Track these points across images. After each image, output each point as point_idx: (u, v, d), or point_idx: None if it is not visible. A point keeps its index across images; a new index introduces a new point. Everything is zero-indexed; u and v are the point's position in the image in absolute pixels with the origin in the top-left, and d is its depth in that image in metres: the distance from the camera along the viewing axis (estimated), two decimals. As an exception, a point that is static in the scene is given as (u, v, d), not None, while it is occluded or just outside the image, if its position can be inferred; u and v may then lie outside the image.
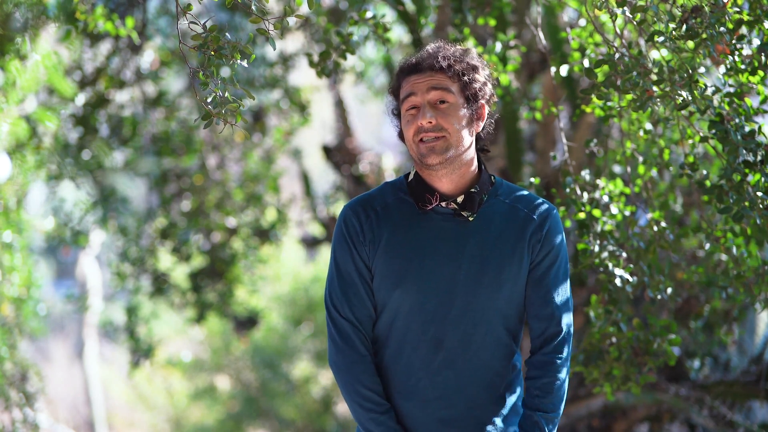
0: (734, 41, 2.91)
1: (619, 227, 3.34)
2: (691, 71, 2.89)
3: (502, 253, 2.65)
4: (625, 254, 3.29)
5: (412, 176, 2.71)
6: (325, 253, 10.15)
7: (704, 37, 2.85)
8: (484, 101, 2.69)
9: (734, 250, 3.26)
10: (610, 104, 3.27)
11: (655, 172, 3.64)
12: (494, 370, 2.66)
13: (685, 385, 5.20)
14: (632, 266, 3.27)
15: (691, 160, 3.15)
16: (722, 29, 2.85)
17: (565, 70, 3.52)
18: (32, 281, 5.79)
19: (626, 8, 2.88)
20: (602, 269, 3.25)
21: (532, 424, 2.65)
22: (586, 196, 3.30)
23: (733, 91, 3.01)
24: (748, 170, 2.89)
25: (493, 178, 2.73)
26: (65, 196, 7.43)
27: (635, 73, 2.89)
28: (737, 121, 2.93)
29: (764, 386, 4.99)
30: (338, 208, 7.57)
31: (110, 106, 6.92)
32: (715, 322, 5.04)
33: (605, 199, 3.33)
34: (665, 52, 3.27)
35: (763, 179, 2.90)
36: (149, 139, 7.17)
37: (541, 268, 2.69)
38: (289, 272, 10.42)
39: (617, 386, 3.36)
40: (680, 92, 2.88)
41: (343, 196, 7.49)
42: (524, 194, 2.73)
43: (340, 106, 7.49)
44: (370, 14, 3.63)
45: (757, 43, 2.98)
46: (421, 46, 2.73)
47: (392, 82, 2.72)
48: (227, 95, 2.59)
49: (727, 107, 2.97)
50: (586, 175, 3.34)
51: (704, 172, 3.32)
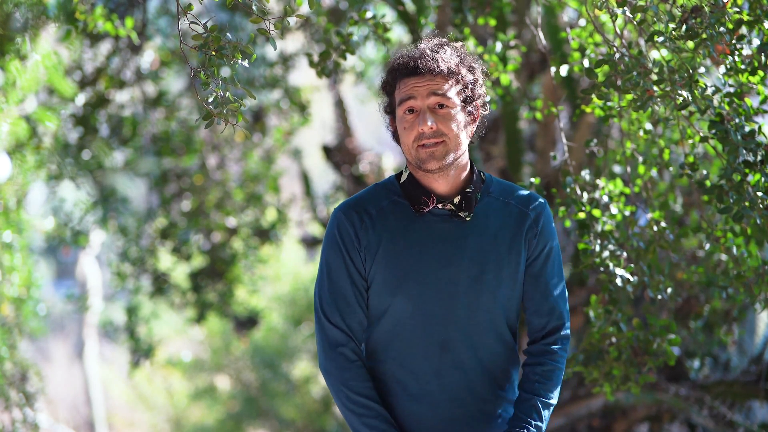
0: (734, 41, 2.91)
1: (619, 227, 3.34)
2: (691, 71, 2.89)
3: (500, 250, 2.65)
4: (625, 254, 3.29)
5: (405, 177, 2.69)
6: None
7: (704, 37, 2.85)
8: (479, 102, 2.69)
9: (734, 250, 3.26)
10: (610, 104, 3.27)
11: (655, 172, 3.64)
12: (499, 365, 2.67)
13: (685, 385, 5.20)
14: (632, 266, 3.27)
15: (691, 160, 3.15)
16: (722, 29, 2.85)
17: (565, 70, 3.52)
18: (32, 281, 5.79)
19: (626, 8, 2.88)
20: (603, 269, 3.25)
21: (530, 407, 2.65)
22: (586, 196, 3.31)
23: (733, 91, 3.01)
24: (748, 170, 2.89)
25: (482, 174, 2.73)
26: (65, 196, 7.43)
27: (635, 73, 2.90)
28: (737, 121, 2.93)
29: (764, 386, 4.99)
30: (338, 208, 7.55)
31: (110, 106, 6.92)
32: (715, 322, 5.04)
33: (605, 199, 3.33)
34: (665, 52, 3.27)
35: (763, 179, 2.90)
36: (149, 139, 7.17)
37: (538, 262, 2.70)
38: (289, 272, 10.42)
39: (617, 386, 3.36)
40: (680, 92, 2.88)
41: (343, 196, 7.49)
42: (515, 190, 2.73)
43: (340, 106, 7.49)
44: (370, 14, 3.63)
45: (757, 43, 2.98)
46: (418, 45, 2.71)
47: (385, 78, 2.69)
48: (228, 95, 2.59)
49: (727, 107, 2.97)
50: (586, 175, 3.34)
51: (704, 172, 3.32)
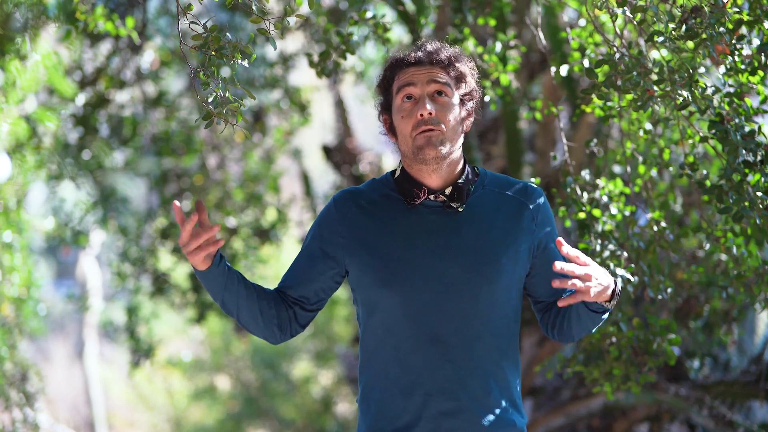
0: (734, 41, 2.91)
1: (619, 227, 3.34)
2: (691, 71, 2.90)
3: (496, 242, 2.64)
4: (625, 254, 3.29)
5: (398, 173, 2.70)
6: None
7: (704, 37, 2.85)
8: (475, 101, 2.70)
9: (734, 250, 3.26)
10: (610, 104, 3.27)
11: (655, 172, 3.64)
12: (494, 361, 2.64)
13: (684, 385, 5.21)
14: (633, 266, 3.27)
15: (691, 160, 3.15)
16: (722, 29, 2.85)
17: (565, 70, 3.52)
18: (32, 281, 5.79)
19: (626, 8, 2.89)
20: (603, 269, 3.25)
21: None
22: (586, 196, 3.31)
23: (733, 91, 3.01)
24: (748, 170, 2.89)
25: (476, 168, 2.73)
26: (65, 196, 7.43)
27: (635, 73, 2.90)
28: (737, 121, 2.93)
29: (764, 386, 4.99)
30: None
31: (110, 106, 6.92)
32: (715, 322, 5.04)
33: (605, 199, 3.33)
34: (665, 52, 3.27)
35: (763, 179, 2.90)
36: (149, 139, 7.17)
37: (547, 251, 2.69)
38: (289, 272, 10.40)
39: (617, 386, 3.36)
40: (680, 92, 2.88)
41: (343, 196, 7.48)
42: (510, 181, 2.72)
43: (340, 106, 7.49)
44: (370, 14, 3.63)
45: (757, 43, 2.98)
46: (417, 44, 2.73)
47: (383, 74, 2.70)
48: (228, 95, 2.59)
49: (727, 107, 2.97)
50: (586, 175, 3.35)
51: (704, 172, 3.32)
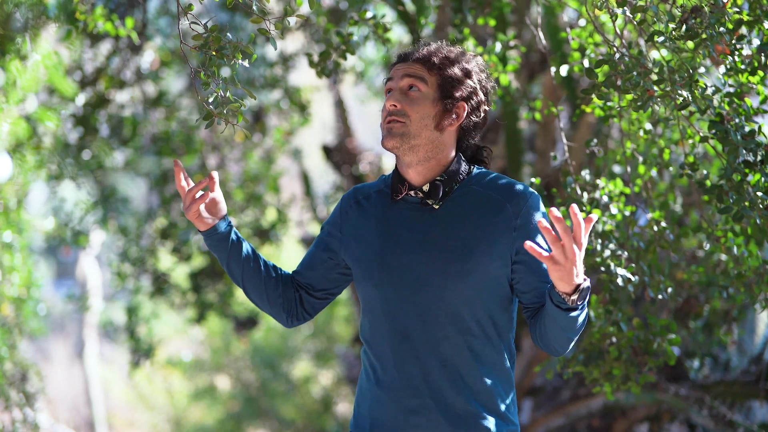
0: (734, 41, 2.91)
1: (619, 227, 3.34)
2: (691, 71, 2.90)
3: (469, 240, 2.60)
4: (625, 254, 3.29)
5: (393, 169, 2.76)
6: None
7: (704, 37, 2.85)
8: (463, 101, 2.66)
9: (734, 250, 3.26)
10: (610, 104, 3.28)
11: (655, 172, 3.64)
12: (465, 360, 2.61)
13: (684, 385, 5.21)
14: (633, 266, 3.27)
15: (691, 160, 3.15)
16: (722, 29, 2.85)
17: (565, 70, 3.52)
18: (32, 281, 5.79)
19: (626, 8, 2.89)
20: (603, 269, 3.25)
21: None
22: (586, 196, 3.31)
23: (733, 91, 3.02)
24: (748, 170, 2.89)
25: (471, 168, 2.70)
26: (65, 196, 7.43)
27: (635, 73, 2.90)
28: (737, 121, 2.93)
29: (764, 386, 4.99)
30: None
31: (110, 106, 6.93)
32: (715, 322, 5.04)
33: (605, 199, 3.33)
34: (665, 52, 3.27)
35: (763, 179, 2.90)
36: (149, 139, 7.17)
37: (525, 254, 2.60)
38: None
39: (617, 386, 3.36)
40: (680, 92, 2.88)
41: (343, 196, 7.49)
42: (501, 181, 2.67)
43: (340, 106, 7.49)
44: (370, 14, 3.63)
45: (757, 43, 2.99)
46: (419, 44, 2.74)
47: (388, 71, 2.78)
48: (228, 95, 2.60)
49: (727, 107, 2.97)
50: (586, 175, 3.35)
51: (704, 172, 3.32)
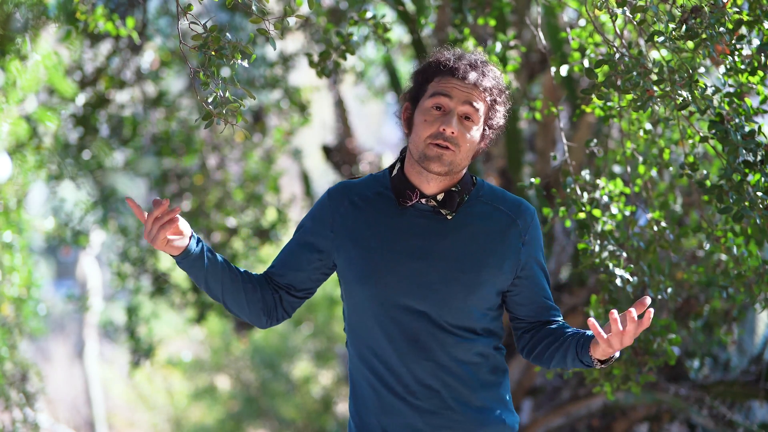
0: (734, 41, 2.91)
1: (619, 227, 3.34)
2: (691, 71, 2.90)
3: (480, 253, 2.64)
4: (625, 254, 3.29)
5: (395, 171, 2.71)
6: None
7: (704, 37, 2.85)
8: (495, 131, 2.71)
9: (734, 250, 3.26)
10: (610, 104, 3.28)
11: (655, 172, 3.64)
12: (472, 360, 2.66)
13: (684, 385, 5.20)
14: (633, 266, 3.27)
15: (691, 160, 3.15)
16: (722, 29, 2.85)
17: (565, 70, 3.52)
18: (32, 281, 5.79)
19: (626, 8, 2.89)
20: (602, 269, 3.25)
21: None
22: (586, 196, 3.31)
23: (733, 91, 3.01)
24: (748, 170, 2.89)
25: (474, 179, 2.73)
26: (65, 196, 7.42)
27: (635, 73, 2.90)
28: (737, 121, 2.93)
29: (764, 386, 4.99)
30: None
31: (110, 106, 6.92)
32: (715, 322, 5.04)
33: (605, 199, 3.33)
34: (665, 52, 3.27)
35: (763, 179, 2.90)
36: (149, 139, 7.17)
37: (532, 271, 2.70)
38: (289, 272, 10.39)
39: (617, 386, 3.36)
40: (680, 92, 2.88)
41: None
42: (506, 196, 2.72)
43: (340, 106, 7.49)
44: (370, 14, 3.63)
45: (757, 43, 2.98)
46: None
47: (426, 66, 2.69)
48: (228, 95, 2.59)
49: (727, 107, 2.97)
50: (586, 175, 3.35)
51: (704, 172, 3.32)
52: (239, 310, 2.73)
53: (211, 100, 2.57)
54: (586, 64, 3.26)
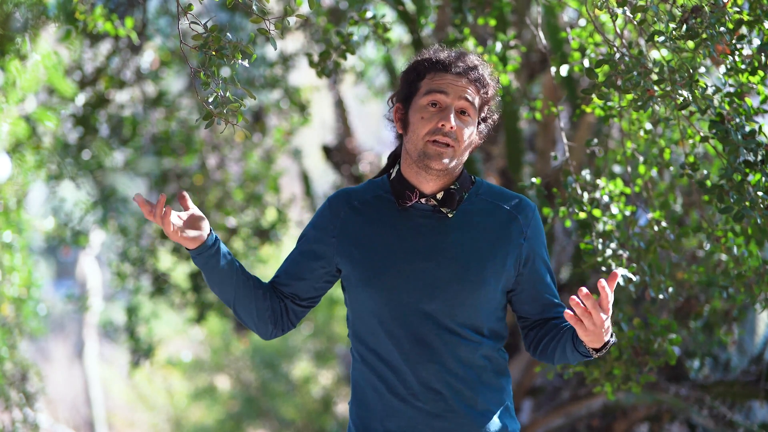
0: (734, 41, 2.91)
1: (619, 227, 3.34)
2: (691, 71, 2.89)
3: (483, 250, 2.64)
4: (626, 254, 3.29)
5: (394, 174, 2.70)
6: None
7: (704, 37, 2.85)
8: (488, 126, 2.71)
9: (734, 249, 3.26)
10: (610, 104, 3.27)
11: (655, 172, 3.64)
12: (477, 362, 2.65)
13: (685, 385, 5.20)
14: (633, 266, 3.27)
15: (691, 160, 3.15)
16: (722, 29, 2.85)
17: (565, 70, 3.52)
18: (32, 281, 5.79)
19: (626, 8, 2.88)
20: (604, 269, 3.25)
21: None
22: (586, 196, 3.30)
23: (733, 91, 3.01)
24: (748, 170, 2.89)
25: (473, 178, 2.74)
26: (65, 196, 7.42)
27: (636, 73, 2.89)
28: (737, 120, 2.93)
29: (764, 386, 4.99)
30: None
31: (110, 106, 6.92)
32: (715, 322, 5.04)
33: (606, 199, 3.33)
34: (665, 52, 3.27)
35: (763, 179, 2.90)
36: (149, 139, 7.17)
37: (534, 267, 2.69)
38: (289, 272, 10.40)
39: (618, 386, 3.36)
40: (680, 92, 2.88)
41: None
42: (505, 193, 2.72)
43: (340, 106, 7.49)
44: (370, 14, 3.63)
45: (757, 43, 2.98)
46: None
47: (417, 64, 2.68)
48: (228, 95, 2.59)
49: (727, 107, 2.97)
50: (586, 175, 3.34)
51: (704, 172, 3.32)
52: (248, 316, 2.71)
53: (211, 99, 2.56)
54: (586, 64, 3.26)
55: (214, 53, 2.56)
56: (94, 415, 11.76)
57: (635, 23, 2.91)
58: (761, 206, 2.88)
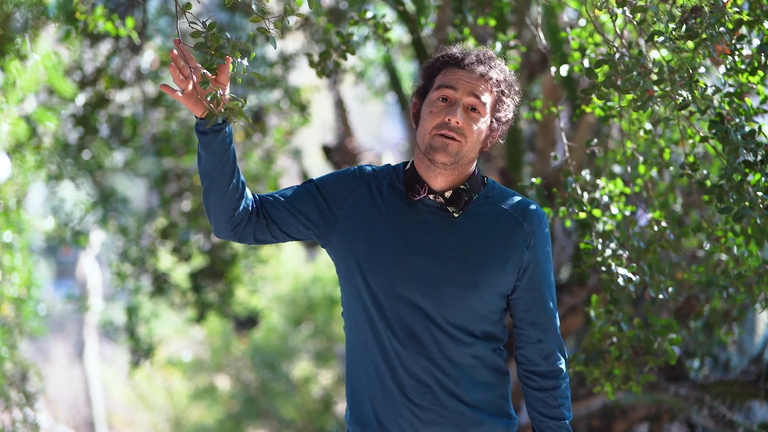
0: (734, 41, 2.91)
1: (619, 227, 3.34)
2: (691, 71, 2.89)
3: (485, 253, 2.63)
4: (626, 254, 3.29)
5: (409, 165, 2.72)
6: (324, 253, 10.15)
7: (704, 37, 2.85)
8: (503, 125, 2.72)
9: (734, 249, 3.26)
10: (610, 104, 3.27)
11: (655, 172, 3.64)
12: (467, 361, 2.65)
13: (684, 384, 5.20)
14: (633, 266, 3.27)
15: (691, 160, 3.15)
16: (722, 29, 2.85)
17: (565, 70, 3.52)
18: (32, 281, 5.79)
19: (626, 8, 2.89)
20: (604, 269, 3.25)
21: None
22: (586, 195, 3.30)
23: (733, 91, 3.01)
24: (748, 170, 2.89)
25: (485, 179, 2.74)
26: (65, 196, 7.43)
27: (635, 73, 2.89)
28: (737, 121, 2.93)
29: (764, 386, 4.99)
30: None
31: (110, 106, 6.92)
32: (715, 322, 5.04)
33: (606, 199, 3.33)
34: (665, 52, 3.27)
35: (763, 179, 2.90)
36: (149, 139, 7.17)
37: (534, 276, 2.68)
38: (289, 272, 10.42)
39: (618, 386, 3.36)
40: (680, 92, 2.88)
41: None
42: (516, 198, 2.72)
43: (340, 106, 7.50)
44: (370, 14, 3.63)
45: (757, 43, 2.98)
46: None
47: (434, 62, 2.70)
48: (227, 94, 2.59)
49: (727, 107, 2.97)
50: (586, 175, 3.34)
51: (704, 172, 3.32)
52: (216, 201, 2.65)
53: (209, 98, 2.56)
54: (586, 64, 3.26)
55: (213, 53, 2.56)
56: (94, 415, 11.76)
57: (635, 23, 2.91)
58: (761, 206, 2.88)
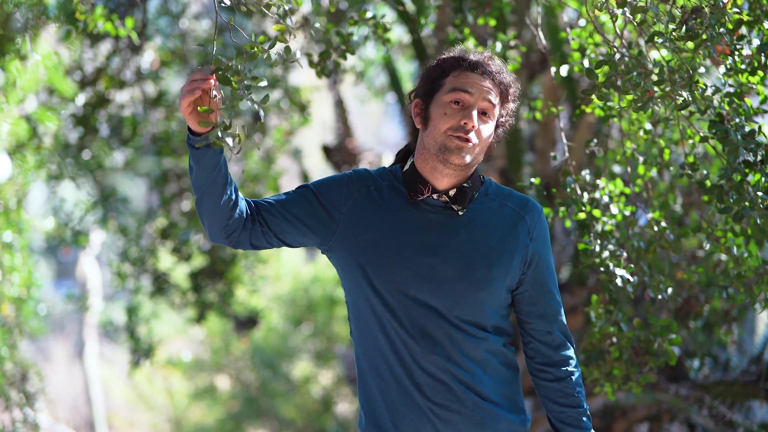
0: (734, 41, 2.91)
1: (619, 227, 3.34)
2: (691, 71, 2.90)
3: (491, 249, 2.66)
4: (625, 254, 3.29)
5: (408, 166, 2.72)
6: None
7: (704, 37, 2.85)
8: (504, 128, 2.75)
9: (734, 250, 3.26)
10: (610, 104, 3.28)
11: (655, 172, 3.64)
12: (480, 357, 2.66)
13: (684, 385, 5.21)
14: (633, 266, 3.27)
15: (691, 160, 3.15)
16: (722, 30, 2.85)
17: (565, 70, 3.52)
18: (32, 281, 5.79)
19: (626, 9, 2.89)
20: (603, 269, 3.25)
21: (588, 418, 2.76)
22: (586, 196, 3.31)
23: (733, 91, 3.02)
24: (748, 170, 2.89)
25: (482, 177, 2.76)
26: (65, 196, 7.42)
27: (635, 73, 2.90)
28: (737, 121, 2.93)
29: (764, 386, 4.99)
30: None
31: (110, 106, 6.92)
32: (715, 322, 5.04)
33: (605, 199, 3.33)
34: (665, 52, 3.27)
35: (763, 179, 2.90)
36: (149, 139, 7.17)
37: (538, 268, 2.71)
38: (289, 272, 10.42)
39: (618, 386, 3.36)
40: (680, 92, 2.88)
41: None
42: (513, 194, 2.76)
43: (340, 106, 7.49)
44: (370, 14, 3.63)
45: (757, 43, 2.99)
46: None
47: (443, 62, 2.70)
48: (224, 119, 2.58)
49: (727, 107, 2.97)
50: (586, 175, 3.35)
51: (704, 172, 3.32)
52: (210, 212, 2.61)
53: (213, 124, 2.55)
54: (586, 64, 3.26)
55: (234, 82, 2.54)
56: (94, 415, 11.76)
57: (635, 24, 2.91)
58: (761, 206, 2.88)
